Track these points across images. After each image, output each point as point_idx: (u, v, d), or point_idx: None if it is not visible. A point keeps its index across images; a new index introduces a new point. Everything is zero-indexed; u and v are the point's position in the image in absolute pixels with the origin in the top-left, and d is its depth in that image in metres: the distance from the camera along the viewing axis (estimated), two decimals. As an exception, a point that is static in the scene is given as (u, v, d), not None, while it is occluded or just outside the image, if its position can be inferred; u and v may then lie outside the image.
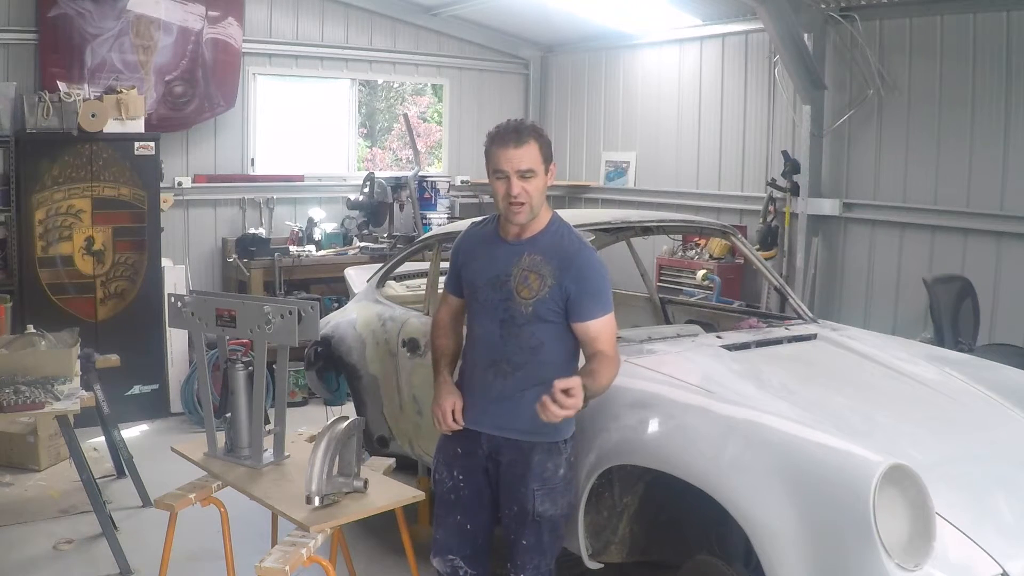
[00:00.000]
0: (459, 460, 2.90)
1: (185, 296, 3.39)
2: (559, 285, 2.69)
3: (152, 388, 6.24)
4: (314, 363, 4.78)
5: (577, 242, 2.77)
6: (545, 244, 2.75)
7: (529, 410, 2.71)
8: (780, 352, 3.56)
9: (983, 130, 5.47)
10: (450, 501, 2.92)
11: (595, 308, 2.71)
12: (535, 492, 2.75)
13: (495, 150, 2.70)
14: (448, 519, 2.92)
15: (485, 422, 2.83)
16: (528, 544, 2.79)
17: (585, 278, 2.70)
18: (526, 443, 2.77)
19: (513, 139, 2.66)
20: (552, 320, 2.72)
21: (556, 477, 2.78)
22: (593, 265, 2.73)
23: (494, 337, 2.79)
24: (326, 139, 7.98)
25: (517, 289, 2.73)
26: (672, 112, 7.53)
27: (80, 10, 6.32)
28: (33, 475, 5.09)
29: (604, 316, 2.72)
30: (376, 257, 6.88)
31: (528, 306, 2.71)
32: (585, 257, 2.73)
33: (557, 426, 2.74)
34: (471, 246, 2.92)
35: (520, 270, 2.74)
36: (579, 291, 2.69)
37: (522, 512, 2.78)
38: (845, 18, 6.05)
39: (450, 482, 2.91)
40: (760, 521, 2.45)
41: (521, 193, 2.67)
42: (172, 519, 3.18)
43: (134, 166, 6.09)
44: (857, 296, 6.28)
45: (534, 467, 2.76)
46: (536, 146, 2.69)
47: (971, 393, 3.31)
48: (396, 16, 7.96)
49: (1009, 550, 2.45)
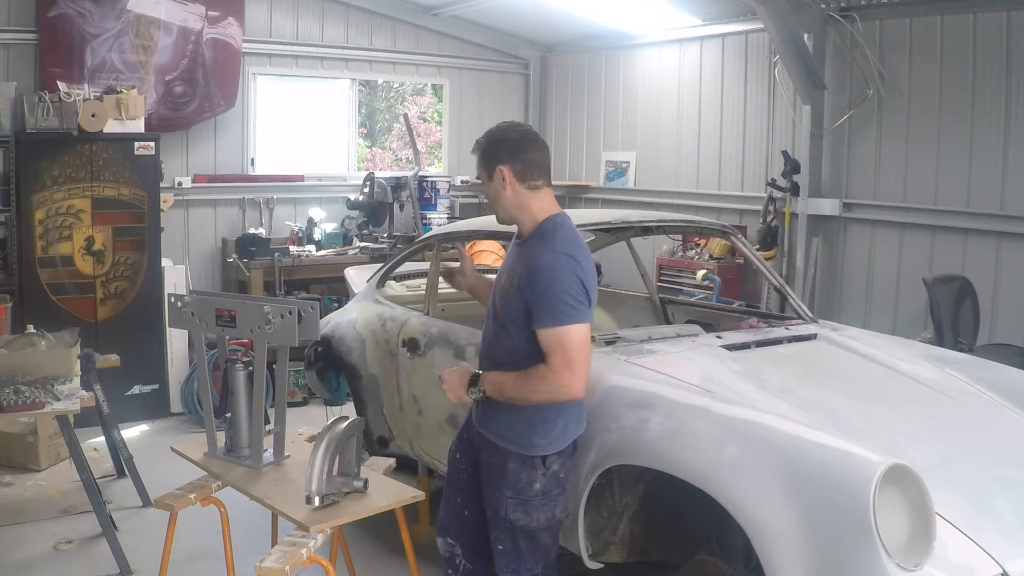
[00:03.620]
0: (464, 443, 2.99)
1: (185, 296, 3.39)
2: (519, 288, 2.67)
3: (152, 388, 6.24)
4: (314, 363, 4.78)
5: (548, 247, 2.66)
6: (528, 246, 2.75)
7: (502, 414, 2.75)
8: (780, 352, 3.56)
9: (983, 130, 5.47)
10: (454, 481, 3.01)
11: (541, 316, 2.60)
12: (508, 499, 2.75)
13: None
14: (451, 498, 3.01)
15: (474, 414, 2.91)
16: (504, 549, 2.80)
17: (535, 283, 2.61)
18: (503, 448, 2.77)
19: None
20: (519, 322, 2.68)
21: (531, 490, 2.74)
22: (548, 272, 2.59)
23: (488, 333, 2.88)
24: (326, 139, 7.98)
25: (502, 287, 2.78)
26: (672, 112, 7.53)
27: (80, 10, 6.32)
28: (33, 475, 5.09)
29: (552, 328, 2.57)
30: (376, 257, 6.88)
31: (503, 305, 2.75)
32: (544, 262, 2.61)
33: (529, 439, 2.72)
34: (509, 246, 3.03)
35: (507, 269, 2.79)
36: (530, 296, 2.63)
37: (495, 516, 2.80)
38: (845, 18, 6.06)
39: (455, 462, 3.01)
40: (760, 521, 2.45)
41: (487, 198, 2.84)
42: (172, 519, 3.18)
43: (134, 166, 6.09)
44: (857, 296, 6.28)
45: (509, 474, 2.75)
46: (478, 156, 2.80)
47: (971, 393, 3.31)
48: (396, 16, 7.96)
49: (1009, 550, 2.45)
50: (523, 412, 2.71)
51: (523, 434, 2.73)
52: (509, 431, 2.75)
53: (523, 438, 2.73)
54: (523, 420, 2.73)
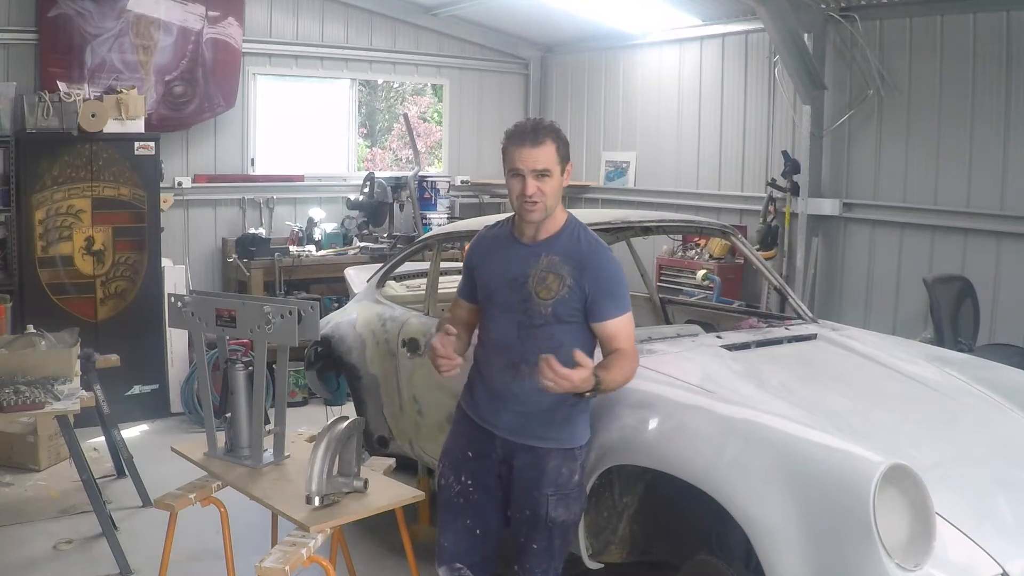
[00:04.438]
0: (469, 463, 2.85)
1: (185, 296, 3.39)
2: (578, 285, 2.69)
3: (152, 388, 6.24)
4: (314, 363, 4.78)
5: (594, 242, 2.77)
6: (562, 245, 2.75)
7: (537, 416, 2.73)
8: (780, 352, 3.56)
9: (983, 130, 5.47)
10: (459, 505, 2.86)
11: (613, 308, 2.71)
12: (549, 497, 2.73)
13: (512, 149, 2.70)
14: (456, 523, 2.87)
15: (501, 425, 2.80)
16: (539, 548, 2.77)
17: (602, 278, 2.71)
18: (542, 449, 2.75)
19: (530, 138, 2.67)
20: (571, 321, 2.72)
21: (571, 483, 2.77)
22: (610, 265, 2.73)
23: (512, 339, 2.76)
24: (326, 139, 7.98)
25: (536, 290, 2.71)
26: (672, 112, 7.53)
27: (80, 10, 6.32)
28: (33, 475, 5.09)
29: (622, 315, 2.72)
30: (376, 257, 6.88)
31: (547, 307, 2.70)
32: (602, 257, 2.73)
33: (574, 432, 2.77)
34: (486, 248, 2.90)
35: (538, 271, 2.73)
36: (597, 291, 2.69)
37: (534, 517, 2.75)
38: (845, 18, 6.05)
39: (458, 486, 2.86)
40: (760, 521, 2.45)
41: (536, 193, 2.66)
42: (172, 519, 3.18)
43: (134, 166, 6.09)
44: (857, 296, 6.28)
45: (549, 472, 2.74)
46: (553, 146, 2.69)
47: (971, 393, 3.31)
48: (396, 16, 7.96)
49: (1009, 550, 2.45)
50: (559, 408, 2.72)
51: (562, 428, 2.75)
52: (549, 429, 2.73)
53: (563, 432, 2.75)
54: (560, 416, 2.74)
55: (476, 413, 2.87)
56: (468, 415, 2.90)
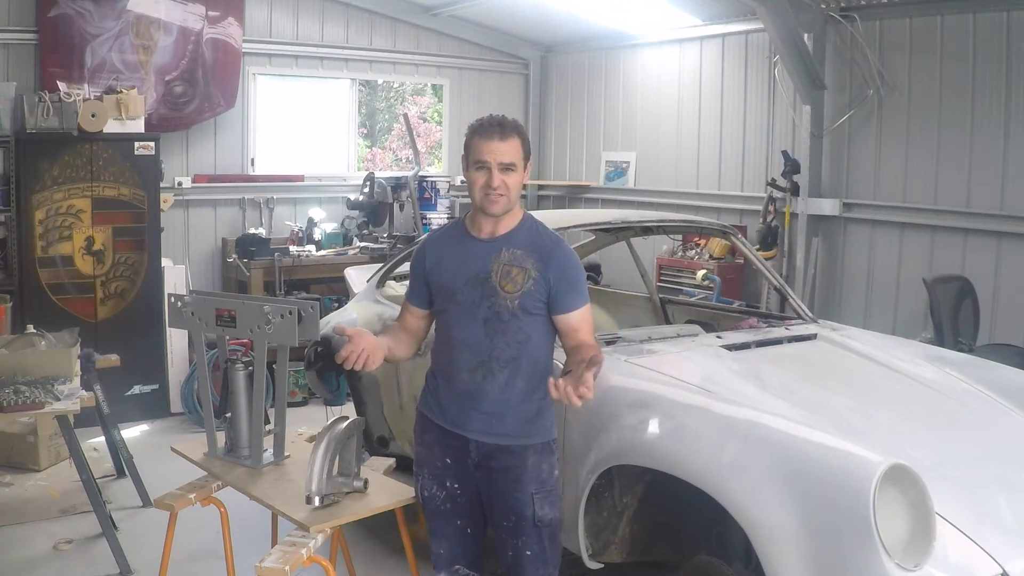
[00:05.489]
0: (450, 469, 2.82)
1: (185, 296, 3.39)
2: (543, 277, 2.71)
3: (152, 388, 6.23)
4: (314, 363, 4.78)
5: (555, 236, 2.83)
6: (522, 239, 2.77)
7: (511, 413, 2.72)
8: (780, 352, 3.57)
9: (983, 130, 5.47)
10: (447, 511, 2.84)
11: (576, 299, 2.76)
12: (534, 496, 2.71)
13: (478, 141, 2.71)
14: (448, 529, 2.85)
15: (472, 427, 2.76)
16: (532, 555, 2.73)
17: (567, 270, 2.75)
18: (518, 446, 2.73)
19: (498, 132, 2.70)
20: (536, 313, 2.73)
21: (552, 478, 2.76)
22: (573, 258, 2.81)
23: (478, 337, 2.73)
24: (326, 139, 7.98)
25: (501, 284, 2.71)
26: (672, 112, 7.53)
27: (80, 10, 6.32)
28: (33, 475, 5.09)
29: (584, 307, 2.78)
30: (376, 257, 6.88)
31: (513, 300, 2.70)
32: (565, 250, 2.80)
33: (545, 425, 2.76)
34: (440, 249, 2.87)
35: (500, 265, 2.72)
36: (562, 283, 2.73)
37: (521, 520, 2.72)
38: (845, 18, 6.05)
39: (443, 493, 2.83)
40: (760, 521, 2.45)
41: (501, 185, 2.68)
42: (172, 519, 3.18)
43: (134, 166, 6.09)
44: (857, 296, 6.28)
45: (530, 469, 2.72)
46: (519, 141, 2.73)
47: (971, 393, 3.31)
48: (396, 16, 7.96)
49: (1009, 550, 2.45)
50: (529, 401, 2.72)
51: (535, 422, 2.74)
52: (524, 425, 2.72)
53: (537, 426, 2.74)
54: (532, 409, 2.73)
55: (444, 419, 2.81)
56: (435, 423, 2.84)
